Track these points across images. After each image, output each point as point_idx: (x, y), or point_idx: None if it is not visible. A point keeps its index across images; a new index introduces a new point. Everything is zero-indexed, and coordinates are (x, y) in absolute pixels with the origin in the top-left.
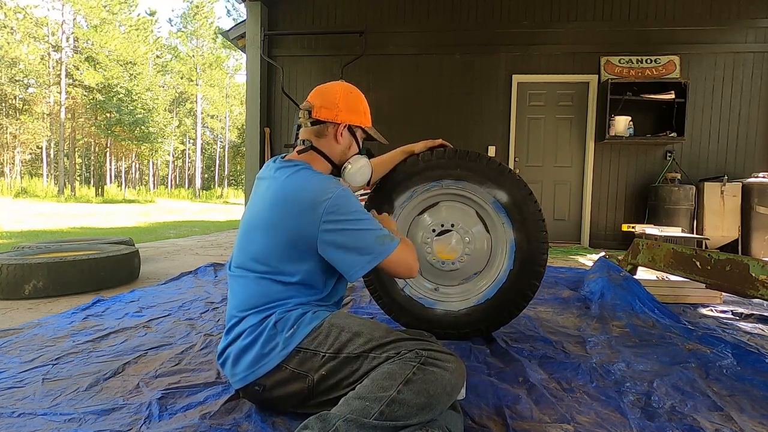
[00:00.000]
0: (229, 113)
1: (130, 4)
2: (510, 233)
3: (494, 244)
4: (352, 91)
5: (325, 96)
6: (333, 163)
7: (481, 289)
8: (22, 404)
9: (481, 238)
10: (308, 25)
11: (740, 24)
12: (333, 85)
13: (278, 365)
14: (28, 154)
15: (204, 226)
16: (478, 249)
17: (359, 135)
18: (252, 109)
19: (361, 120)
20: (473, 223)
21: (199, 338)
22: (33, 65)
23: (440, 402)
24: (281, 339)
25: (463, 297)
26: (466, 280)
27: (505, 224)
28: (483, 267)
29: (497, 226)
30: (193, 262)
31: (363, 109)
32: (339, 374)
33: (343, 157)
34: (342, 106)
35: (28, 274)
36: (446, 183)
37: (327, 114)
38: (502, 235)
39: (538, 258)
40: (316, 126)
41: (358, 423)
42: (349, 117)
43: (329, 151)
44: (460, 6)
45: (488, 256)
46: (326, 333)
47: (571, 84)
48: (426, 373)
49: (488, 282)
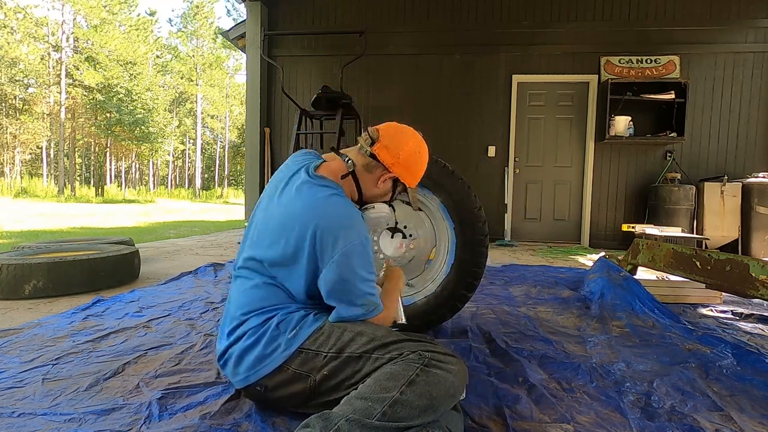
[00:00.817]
0: (229, 113)
1: (130, 4)
2: (442, 210)
3: (436, 230)
4: (421, 150)
5: (395, 139)
6: (361, 198)
7: (440, 267)
8: (22, 404)
9: (421, 224)
10: (308, 25)
11: (740, 24)
12: (409, 133)
13: (280, 366)
14: (28, 154)
15: (204, 226)
16: (420, 235)
17: (399, 190)
18: (252, 109)
19: (410, 181)
20: (411, 214)
21: (199, 338)
22: (33, 65)
23: (442, 404)
24: (284, 340)
25: (431, 281)
26: (427, 265)
27: (440, 207)
28: (433, 249)
29: (431, 209)
30: (193, 262)
31: (419, 172)
32: (341, 374)
33: (373, 200)
34: (403, 158)
35: (28, 274)
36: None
37: (385, 156)
38: (437, 215)
39: (478, 226)
40: (370, 158)
41: (361, 423)
42: (402, 172)
43: (365, 187)
44: (460, 6)
45: (434, 243)
46: (328, 333)
47: (571, 84)
48: (429, 375)
49: (443, 259)
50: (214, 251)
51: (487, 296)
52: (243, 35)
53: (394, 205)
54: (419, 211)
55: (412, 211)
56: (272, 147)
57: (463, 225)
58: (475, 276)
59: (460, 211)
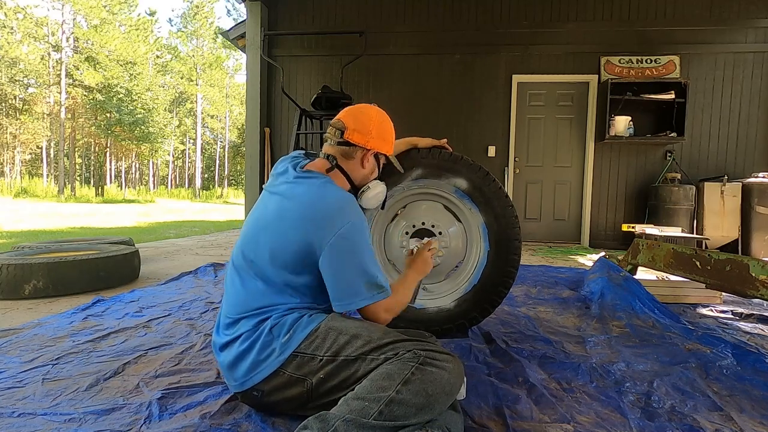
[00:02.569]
0: (229, 113)
1: (130, 4)
2: (478, 216)
3: (468, 231)
4: (385, 119)
5: (360, 120)
6: (353, 185)
7: (466, 277)
8: (22, 404)
9: (453, 229)
10: (308, 25)
11: (740, 24)
12: (368, 109)
13: (275, 371)
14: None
15: (204, 226)
16: (453, 240)
17: (382, 162)
18: (252, 109)
19: (388, 149)
20: (443, 217)
21: (199, 338)
22: (33, 65)
23: (439, 401)
24: (278, 344)
25: (451, 290)
26: (451, 272)
27: (472, 209)
28: (463, 256)
29: (465, 212)
30: (193, 262)
31: (391, 138)
32: (337, 377)
33: (364, 181)
34: (374, 133)
35: (28, 274)
36: (407, 184)
37: (359, 138)
38: (472, 221)
39: (511, 233)
40: (345, 147)
41: (358, 423)
42: (378, 144)
43: (352, 173)
44: (460, 6)
45: (465, 244)
46: (323, 336)
47: (571, 84)
48: (424, 373)
49: (471, 268)
50: (214, 251)
51: None
52: (243, 35)
53: (437, 210)
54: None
55: (453, 220)
56: (272, 147)
57: (498, 251)
58: (492, 303)
59: (499, 237)
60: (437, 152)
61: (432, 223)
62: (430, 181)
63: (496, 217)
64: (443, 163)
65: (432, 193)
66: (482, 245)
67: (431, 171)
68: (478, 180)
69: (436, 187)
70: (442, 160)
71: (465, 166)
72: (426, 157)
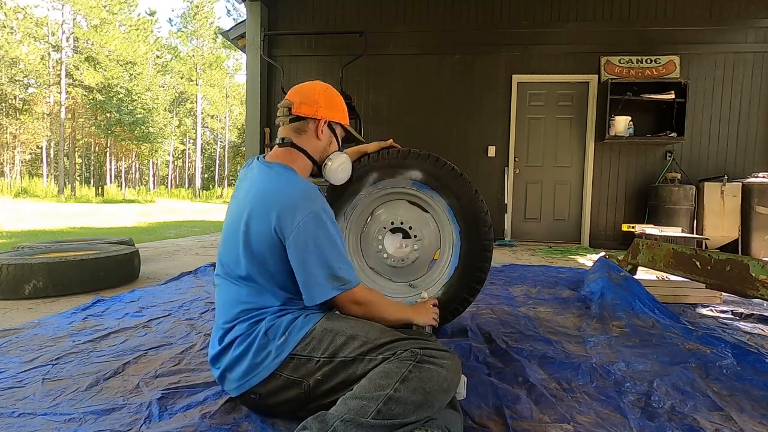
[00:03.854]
0: (229, 113)
1: (130, 4)
2: (441, 201)
3: (436, 218)
4: (329, 88)
5: (305, 93)
6: (314, 161)
7: (446, 263)
8: (22, 404)
9: (422, 220)
10: (308, 25)
11: (740, 24)
12: (311, 83)
13: (272, 374)
14: (28, 154)
15: (204, 226)
16: (424, 230)
17: (338, 132)
18: (252, 109)
19: (340, 117)
20: (409, 211)
21: (199, 338)
22: (33, 65)
23: (437, 399)
24: (273, 347)
25: (435, 279)
26: (432, 264)
27: (433, 196)
28: (439, 244)
29: (428, 201)
30: (193, 262)
31: (341, 106)
32: (335, 378)
33: (324, 154)
34: (322, 102)
35: (28, 274)
36: (367, 191)
37: (307, 110)
38: (437, 207)
39: (476, 208)
40: (296, 122)
41: (356, 422)
42: (329, 113)
43: (310, 147)
44: (460, 6)
45: (437, 231)
46: (320, 338)
47: (571, 84)
48: (422, 370)
49: (448, 253)
50: (214, 251)
51: (487, 296)
52: (243, 35)
53: (402, 206)
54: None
55: (420, 213)
56: (272, 147)
57: (469, 229)
58: (478, 280)
59: (466, 215)
60: (386, 152)
61: (401, 219)
62: (387, 181)
63: (457, 197)
64: (394, 161)
65: (393, 192)
66: (452, 228)
67: (385, 171)
68: (430, 168)
69: (394, 185)
70: (393, 158)
71: (415, 159)
72: (377, 159)
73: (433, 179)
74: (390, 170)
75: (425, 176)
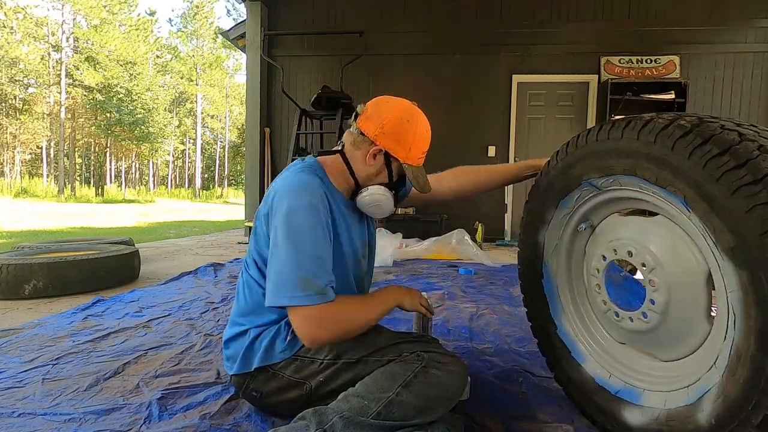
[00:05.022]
0: (229, 113)
1: (130, 4)
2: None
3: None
4: (412, 119)
5: (381, 109)
6: (356, 181)
7: (716, 342)
8: (22, 404)
9: (681, 270)
10: (308, 25)
11: (740, 24)
12: (396, 102)
13: (274, 372)
14: (28, 154)
15: (204, 226)
16: (676, 292)
17: (395, 169)
18: (252, 109)
19: (402, 155)
20: (668, 247)
21: (199, 338)
22: (33, 65)
23: (440, 405)
24: (281, 344)
25: (688, 372)
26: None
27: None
28: (701, 326)
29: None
30: (193, 262)
31: (410, 143)
32: (338, 380)
33: (368, 182)
34: (388, 129)
35: (28, 274)
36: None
37: (368, 128)
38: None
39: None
40: (355, 133)
41: (355, 421)
42: (389, 143)
43: (356, 166)
44: (460, 6)
45: (705, 304)
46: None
47: (571, 84)
48: (427, 376)
49: (721, 323)
50: (214, 251)
51: (487, 296)
52: (243, 35)
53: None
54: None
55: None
56: (272, 147)
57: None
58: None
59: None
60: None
61: (639, 252)
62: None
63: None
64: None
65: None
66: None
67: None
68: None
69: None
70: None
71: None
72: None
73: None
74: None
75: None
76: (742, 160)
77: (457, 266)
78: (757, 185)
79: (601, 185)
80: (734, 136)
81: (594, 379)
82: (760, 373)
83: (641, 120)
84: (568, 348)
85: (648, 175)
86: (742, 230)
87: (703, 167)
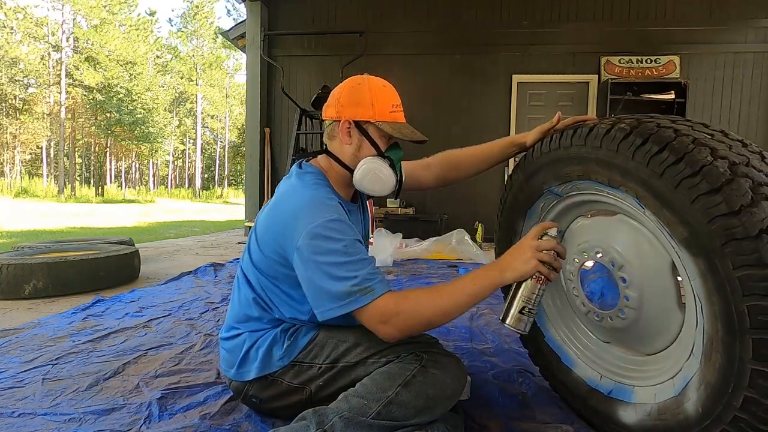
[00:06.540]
0: (229, 113)
1: (130, 4)
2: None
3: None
4: (363, 81)
5: (333, 93)
6: (347, 168)
7: (692, 333)
8: (22, 404)
9: (647, 264)
10: (308, 25)
11: (740, 24)
12: (348, 79)
13: (273, 379)
14: (28, 154)
15: (204, 226)
16: (647, 285)
17: (373, 132)
18: (252, 109)
19: (368, 113)
20: (632, 244)
21: (199, 338)
22: (33, 65)
23: (439, 405)
24: (279, 351)
25: (670, 366)
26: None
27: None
28: (675, 315)
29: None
30: (193, 262)
31: (370, 100)
32: (337, 383)
33: (355, 160)
34: (344, 100)
35: (28, 274)
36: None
37: (330, 112)
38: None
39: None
40: (329, 126)
41: (355, 421)
42: (351, 111)
43: (340, 153)
44: (460, 6)
45: (674, 293)
46: (322, 344)
47: (571, 84)
48: (426, 375)
49: (693, 312)
50: (214, 251)
51: None
52: (243, 35)
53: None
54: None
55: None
56: (272, 147)
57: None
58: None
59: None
60: (553, 137)
61: (604, 249)
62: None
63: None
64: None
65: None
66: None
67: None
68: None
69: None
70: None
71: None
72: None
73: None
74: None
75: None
76: (680, 154)
77: (457, 266)
78: (697, 177)
79: (561, 192)
80: (670, 133)
81: (586, 381)
82: (732, 356)
83: (586, 126)
84: (557, 354)
85: (600, 178)
86: (691, 220)
87: (646, 165)
